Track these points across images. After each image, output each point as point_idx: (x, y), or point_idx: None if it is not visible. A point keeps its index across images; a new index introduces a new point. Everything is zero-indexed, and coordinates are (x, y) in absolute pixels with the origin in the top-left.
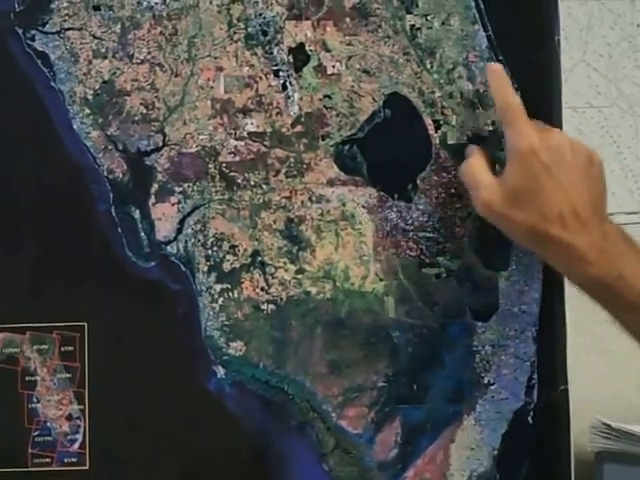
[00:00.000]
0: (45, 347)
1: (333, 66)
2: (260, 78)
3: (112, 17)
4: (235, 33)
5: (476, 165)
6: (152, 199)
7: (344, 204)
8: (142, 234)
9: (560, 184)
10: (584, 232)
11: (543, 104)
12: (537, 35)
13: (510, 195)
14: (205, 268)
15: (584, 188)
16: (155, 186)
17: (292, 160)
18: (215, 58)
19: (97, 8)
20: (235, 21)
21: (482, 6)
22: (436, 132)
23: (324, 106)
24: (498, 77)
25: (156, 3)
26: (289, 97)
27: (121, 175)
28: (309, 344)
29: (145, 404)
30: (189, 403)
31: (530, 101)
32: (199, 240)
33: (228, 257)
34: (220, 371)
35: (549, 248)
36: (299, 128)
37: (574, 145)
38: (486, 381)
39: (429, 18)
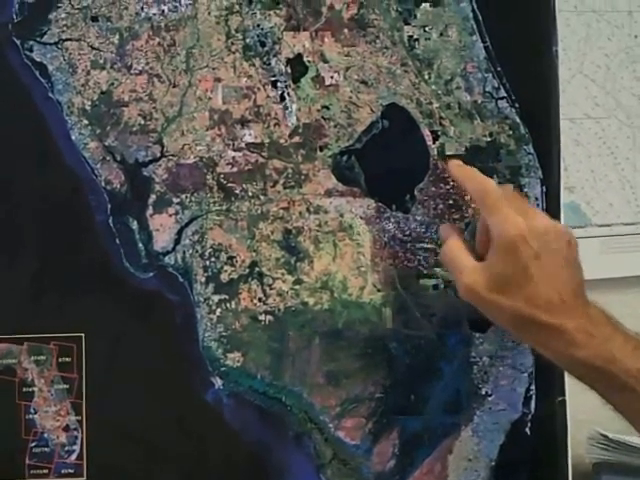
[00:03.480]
0: (43, 358)
1: (331, 77)
2: (258, 89)
3: (110, 28)
4: (233, 44)
5: (455, 247)
6: (150, 210)
7: (342, 215)
8: (140, 245)
9: (548, 272)
10: (571, 317)
11: (541, 115)
12: (535, 46)
13: (496, 281)
14: (203, 279)
15: (568, 274)
16: (153, 197)
17: (290, 171)
18: (213, 69)
19: (95, 19)
20: (233, 32)
21: (480, 17)
22: (434, 143)
23: (322, 117)
24: (461, 169)
25: (154, 14)
26: (287, 108)
27: (119, 186)
28: (307, 355)
29: (142, 415)
30: (186, 414)
31: (528, 112)
32: (197, 251)
33: (226, 268)
34: (218, 382)
35: (536, 333)
36: (297, 139)
37: (556, 228)
38: (484, 392)
39: (427, 29)
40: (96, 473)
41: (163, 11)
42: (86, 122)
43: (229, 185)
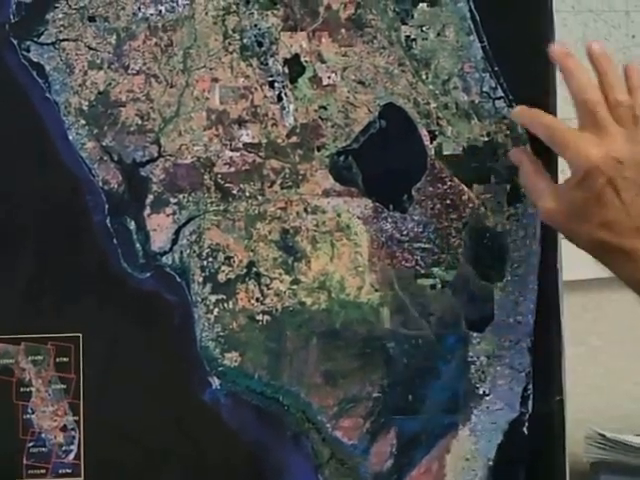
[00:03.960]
0: (40, 358)
1: (328, 77)
2: (255, 89)
3: (107, 28)
4: (230, 44)
5: (531, 172)
6: (147, 210)
7: (339, 215)
8: (137, 245)
9: (622, 199)
10: None
11: None
12: (532, 46)
13: (573, 209)
14: (200, 279)
15: None
16: (150, 197)
17: (287, 171)
18: (210, 69)
19: (92, 19)
20: (230, 32)
21: (477, 17)
22: (431, 143)
23: (319, 117)
24: (523, 113)
25: (151, 14)
26: (284, 108)
27: (116, 186)
28: (304, 355)
29: (140, 415)
30: (184, 414)
31: None
32: (194, 251)
33: (223, 268)
34: (215, 382)
35: (611, 257)
36: (294, 139)
37: (632, 156)
38: (481, 392)
39: (424, 29)
40: (94, 473)
41: (160, 11)
42: (83, 122)
43: (226, 185)
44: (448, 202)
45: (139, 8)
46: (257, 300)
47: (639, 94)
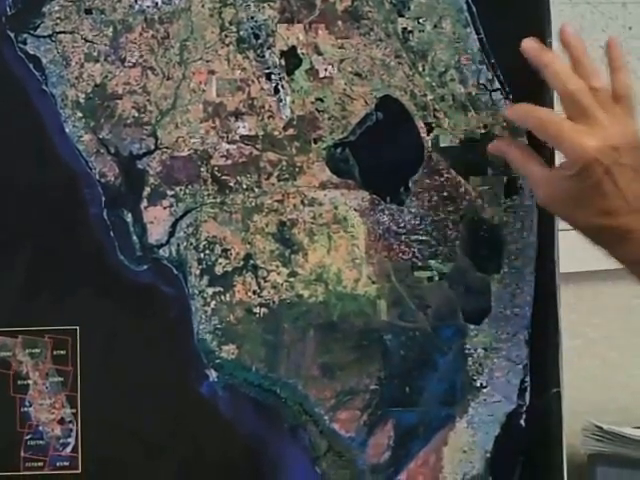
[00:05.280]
0: (37, 351)
1: (325, 69)
2: (252, 81)
3: (104, 20)
4: (227, 36)
5: (524, 157)
6: (144, 202)
7: (336, 207)
8: (134, 237)
9: (620, 185)
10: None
11: None
12: (529, 38)
13: (571, 196)
14: (197, 271)
15: (638, 185)
16: (147, 189)
17: (284, 163)
18: (207, 61)
19: (89, 12)
20: (227, 24)
21: (474, 9)
22: (428, 135)
23: (316, 109)
24: (515, 110)
25: (148, 7)
26: (281, 100)
27: (113, 179)
28: (301, 347)
29: (137, 407)
30: (181, 406)
31: None
32: (191, 243)
33: (220, 260)
34: (212, 374)
35: (607, 238)
36: (291, 131)
37: (625, 141)
38: (479, 384)
39: (421, 21)
40: (91, 465)
41: (157, 4)
42: (80, 115)
43: (223, 178)
44: (445, 194)
45: (135, 0)
46: (254, 293)
47: (621, 73)
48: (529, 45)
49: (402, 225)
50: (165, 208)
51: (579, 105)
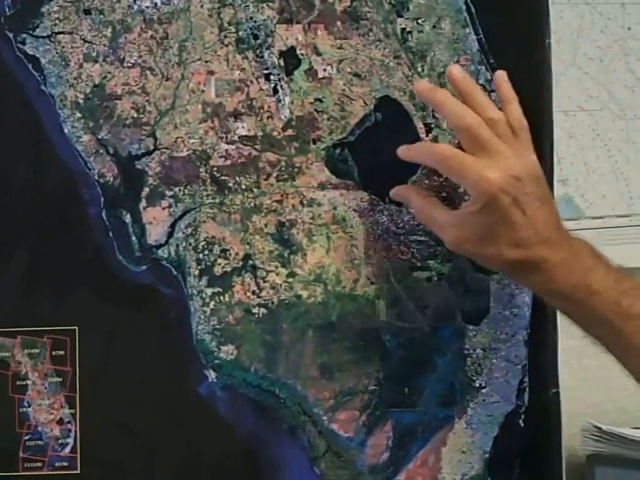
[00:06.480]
0: (36, 351)
1: (324, 70)
2: (251, 82)
3: (103, 21)
4: (226, 37)
5: (426, 205)
6: (143, 203)
7: (335, 208)
8: (133, 238)
9: (528, 215)
10: (554, 250)
11: (534, 108)
12: (528, 38)
13: (480, 233)
14: (196, 272)
15: (545, 212)
16: (146, 190)
17: (283, 164)
18: (206, 62)
19: (88, 12)
20: (226, 25)
21: (473, 9)
22: (427, 135)
23: (315, 110)
24: (410, 153)
25: (147, 7)
26: (280, 101)
27: (112, 179)
28: (300, 348)
29: (136, 408)
30: (180, 407)
31: (521, 105)
32: (190, 244)
33: (219, 261)
34: (211, 375)
35: (522, 272)
36: (290, 132)
37: (527, 169)
38: (477, 384)
39: (420, 21)
40: (90, 466)
41: (156, 4)
42: (79, 115)
43: (222, 178)
44: (444, 194)
45: (134, 1)
46: (253, 293)
47: (513, 105)
48: (421, 86)
49: (401, 225)
50: (164, 208)
51: (478, 138)
